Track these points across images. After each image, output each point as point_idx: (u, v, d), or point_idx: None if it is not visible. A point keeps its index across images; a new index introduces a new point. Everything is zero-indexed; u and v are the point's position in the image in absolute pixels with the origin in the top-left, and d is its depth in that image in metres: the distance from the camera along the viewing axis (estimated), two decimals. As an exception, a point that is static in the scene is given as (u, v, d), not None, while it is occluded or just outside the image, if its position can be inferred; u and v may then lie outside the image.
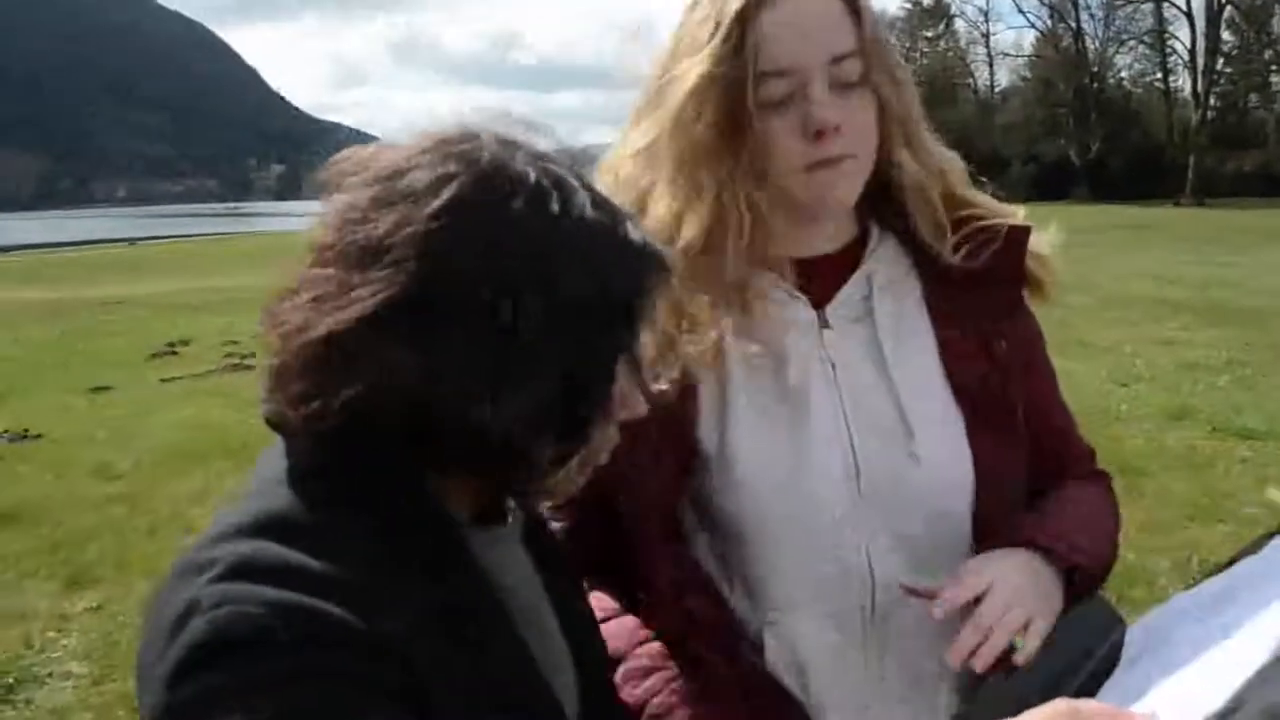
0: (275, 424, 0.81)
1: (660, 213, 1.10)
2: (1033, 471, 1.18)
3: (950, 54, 53.30)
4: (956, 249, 1.14)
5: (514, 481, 0.84)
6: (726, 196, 1.08)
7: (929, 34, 53.62)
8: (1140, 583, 3.91)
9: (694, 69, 1.05)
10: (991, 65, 53.84)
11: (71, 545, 5.17)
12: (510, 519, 0.93)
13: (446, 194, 0.75)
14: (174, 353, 10.72)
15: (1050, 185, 37.53)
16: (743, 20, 1.04)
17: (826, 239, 1.17)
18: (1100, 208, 30.61)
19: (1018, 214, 1.19)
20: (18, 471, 6.62)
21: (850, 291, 1.16)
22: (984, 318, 1.16)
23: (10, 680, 3.77)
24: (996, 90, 54.37)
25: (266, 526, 0.75)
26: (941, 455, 1.11)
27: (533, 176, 0.77)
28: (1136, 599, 3.66)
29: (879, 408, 1.12)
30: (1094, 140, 44.76)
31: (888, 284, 1.16)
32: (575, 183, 0.80)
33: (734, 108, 1.05)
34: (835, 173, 1.07)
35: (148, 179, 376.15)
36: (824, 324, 1.15)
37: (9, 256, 35.61)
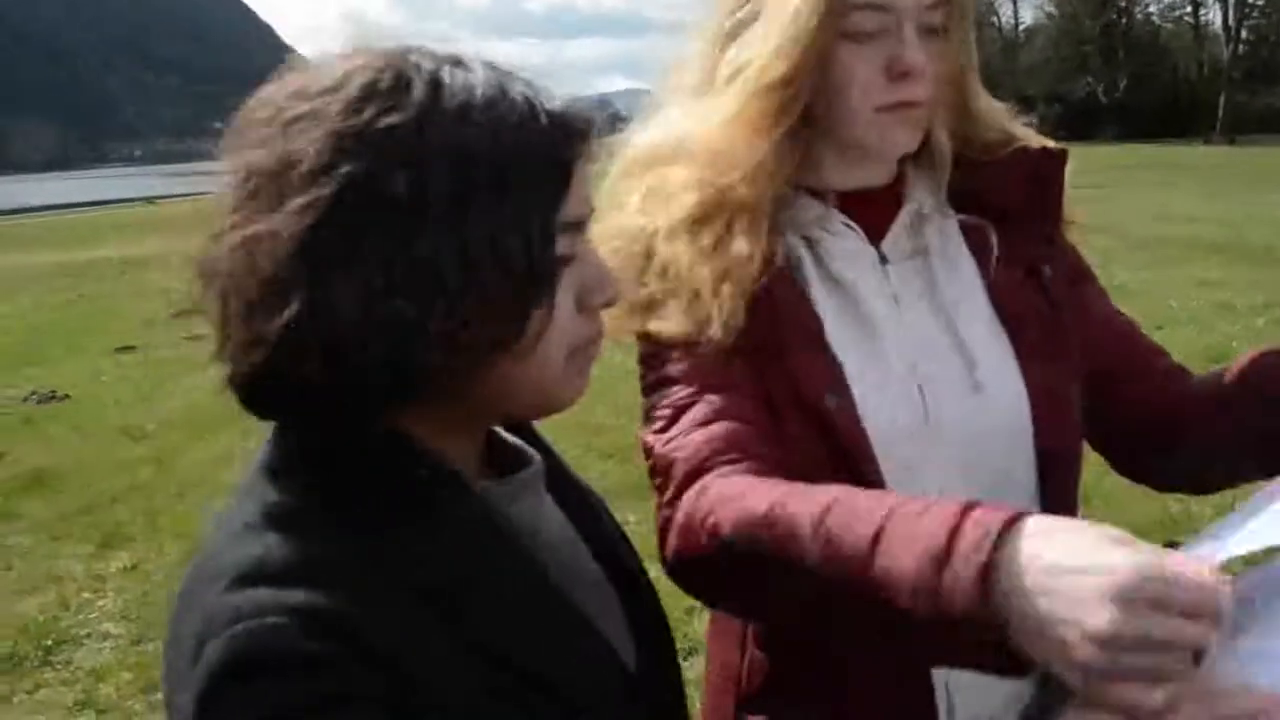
0: (246, 400, 0.75)
1: (734, 135, 1.09)
2: (1118, 371, 1.19)
3: (973, -8, 52.30)
4: (993, 177, 1.16)
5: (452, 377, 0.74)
6: (795, 126, 1.08)
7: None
8: (1183, 531, 3.87)
9: None
10: (1015, 2, 52.88)
11: (101, 507, 5.21)
12: (533, 466, 0.88)
13: (336, 108, 0.71)
14: (198, 310, 10.71)
15: (1076, 125, 37.00)
16: None
17: (874, 173, 1.18)
18: (1128, 147, 30.23)
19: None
20: (47, 433, 6.69)
21: (901, 227, 1.17)
22: (1025, 246, 1.16)
23: (49, 642, 3.80)
24: (1020, 28, 53.47)
25: (268, 518, 0.72)
26: (1001, 386, 1.12)
27: (427, 66, 0.73)
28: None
29: (940, 342, 1.13)
30: (1121, 78, 43.98)
31: (932, 218, 1.18)
32: (475, 64, 0.75)
33: (820, 35, 1.03)
34: (905, 117, 1.08)
35: (164, 139, 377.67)
36: (883, 259, 1.16)
37: (28, 218, 35.83)
